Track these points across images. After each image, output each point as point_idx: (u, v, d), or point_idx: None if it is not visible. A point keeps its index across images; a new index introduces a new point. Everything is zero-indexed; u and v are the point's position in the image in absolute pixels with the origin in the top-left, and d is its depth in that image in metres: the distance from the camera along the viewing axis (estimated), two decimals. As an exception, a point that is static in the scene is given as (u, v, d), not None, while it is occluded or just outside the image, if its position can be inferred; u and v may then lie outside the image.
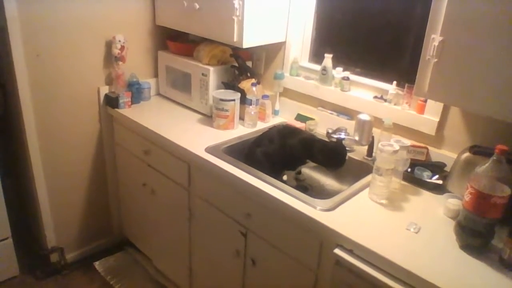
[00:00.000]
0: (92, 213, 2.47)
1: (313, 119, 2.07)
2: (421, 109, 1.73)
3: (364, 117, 1.75)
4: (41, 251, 2.37)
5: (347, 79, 1.96)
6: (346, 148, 1.75)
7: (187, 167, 1.89)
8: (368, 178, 1.60)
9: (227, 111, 2.01)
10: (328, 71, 2.00)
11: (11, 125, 2.24)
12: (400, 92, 1.80)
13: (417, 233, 1.35)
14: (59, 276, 2.39)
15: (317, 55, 2.15)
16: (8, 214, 2.17)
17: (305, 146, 1.73)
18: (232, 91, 2.08)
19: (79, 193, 2.39)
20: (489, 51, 1.22)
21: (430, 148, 1.72)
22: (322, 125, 2.03)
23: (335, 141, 1.81)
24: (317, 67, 2.07)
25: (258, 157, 1.77)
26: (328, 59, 1.98)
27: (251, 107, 2.05)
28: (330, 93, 2.02)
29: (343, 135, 1.85)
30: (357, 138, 1.78)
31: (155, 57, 2.41)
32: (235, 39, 1.93)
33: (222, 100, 1.99)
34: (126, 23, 2.22)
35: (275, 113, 2.22)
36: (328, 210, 1.44)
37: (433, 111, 1.70)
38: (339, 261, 1.34)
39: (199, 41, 2.22)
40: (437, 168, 1.66)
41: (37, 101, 2.05)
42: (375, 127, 1.78)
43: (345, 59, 2.03)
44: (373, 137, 1.79)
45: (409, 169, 1.64)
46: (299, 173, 1.93)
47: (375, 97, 1.89)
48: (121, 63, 2.19)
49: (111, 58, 2.19)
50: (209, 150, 1.82)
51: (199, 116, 2.21)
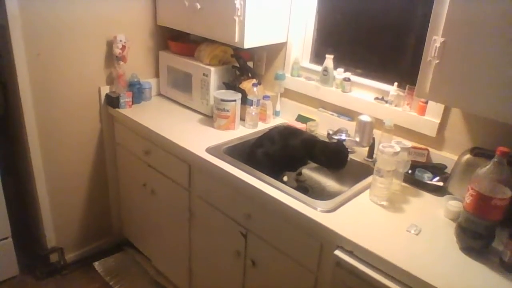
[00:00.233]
0: (92, 213, 2.47)
1: (314, 120, 2.07)
2: (422, 111, 1.73)
3: (365, 118, 1.75)
4: (41, 251, 2.36)
5: (348, 80, 1.95)
6: (347, 149, 1.74)
7: (188, 168, 1.89)
8: (368, 179, 1.60)
9: (228, 111, 2.01)
10: (329, 72, 2.00)
11: (11, 125, 2.24)
12: (401, 93, 1.80)
13: (417, 235, 1.35)
14: (59, 276, 2.39)
15: (318, 56, 2.15)
16: (8, 214, 2.17)
17: (307, 147, 1.73)
18: (233, 92, 2.07)
19: (79, 193, 2.39)
20: (491, 52, 1.22)
21: (431, 149, 1.72)
22: (323, 126, 2.03)
23: (336, 142, 1.81)
24: (318, 68, 2.07)
25: (259, 158, 1.77)
26: (329, 60, 1.98)
27: (252, 107, 2.05)
28: (331, 94, 2.02)
29: (344, 136, 1.84)
30: (357, 139, 1.78)
31: (156, 57, 2.41)
32: (236, 40, 1.93)
33: (223, 100, 1.99)
34: (127, 23, 2.22)
35: (276, 113, 2.22)
36: (328, 211, 1.43)
37: (434, 112, 1.69)
38: (340, 263, 1.33)
39: (200, 41, 2.22)
40: (438, 170, 1.66)
41: (37, 101, 2.05)
42: (376, 128, 1.78)
43: (346, 60, 2.02)
44: (374, 139, 1.78)
45: (409, 171, 1.64)
46: (300, 174, 1.93)
47: (376, 98, 1.88)
48: (122, 63, 2.19)
49: (112, 58, 2.19)
50: (210, 150, 1.82)
51: (200, 116, 2.21)
